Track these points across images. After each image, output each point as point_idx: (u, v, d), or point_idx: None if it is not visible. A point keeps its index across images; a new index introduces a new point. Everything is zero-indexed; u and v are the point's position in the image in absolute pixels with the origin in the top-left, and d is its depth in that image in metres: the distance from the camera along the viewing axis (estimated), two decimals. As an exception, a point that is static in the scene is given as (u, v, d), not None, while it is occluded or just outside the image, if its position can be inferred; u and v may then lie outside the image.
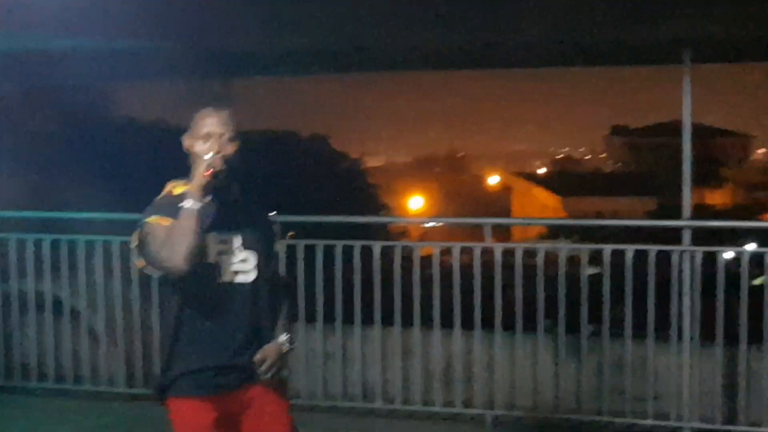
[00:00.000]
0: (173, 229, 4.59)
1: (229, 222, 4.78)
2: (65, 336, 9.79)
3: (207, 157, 4.65)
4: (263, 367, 4.81)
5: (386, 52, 9.38)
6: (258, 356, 4.80)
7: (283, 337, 4.95)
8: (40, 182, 20.24)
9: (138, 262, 4.84)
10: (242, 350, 4.80)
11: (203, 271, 4.67)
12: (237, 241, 4.79)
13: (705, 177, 52.24)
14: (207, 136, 4.75)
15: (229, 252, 4.77)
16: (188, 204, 4.57)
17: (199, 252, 4.59)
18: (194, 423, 4.75)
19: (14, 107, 22.59)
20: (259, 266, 4.83)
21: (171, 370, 4.77)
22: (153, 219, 4.69)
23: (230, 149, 4.76)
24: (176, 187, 4.83)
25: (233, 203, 4.83)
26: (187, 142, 4.82)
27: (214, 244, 4.72)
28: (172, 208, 4.64)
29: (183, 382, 4.76)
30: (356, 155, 42.42)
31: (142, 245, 4.74)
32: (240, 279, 4.78)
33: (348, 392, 9.19)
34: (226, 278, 4.75)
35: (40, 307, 9.87)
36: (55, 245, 9.65)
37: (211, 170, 4.63)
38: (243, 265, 4.79)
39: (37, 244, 9.73)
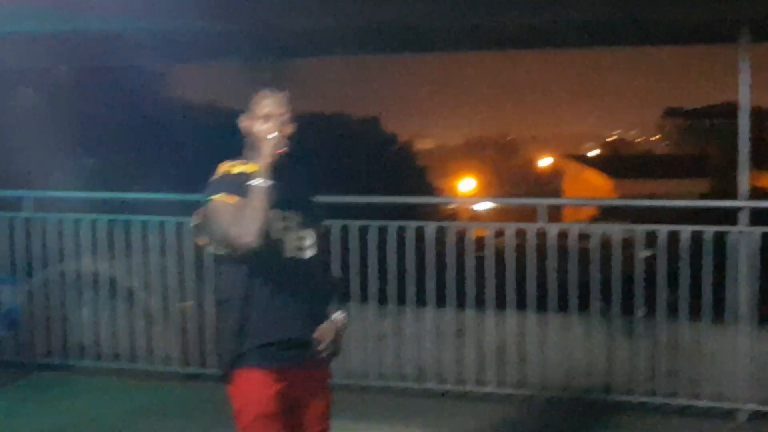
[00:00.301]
0: (244, 207, 4.65)
1: (289, 200, 4.84)
2: (121, 316, 9.85)
3: (271, 136, 4.74)
4: (322, 345, 4.90)
5: (438, 32, 9.37)
6: (317, 334, 4.89)
7: (337, 315, 5.05)
8: (94, 163, 20.43)
9: (200, 240, 4.95)
10: (305, 324, 4.89)
11: (269, 247, 4.72)
12: (297, 218, 4.88)
13: (760, 160, 51.90)
14: (267, 117, 4.82)
15: (290, 229, 4.85)
16: (258, 182, 4.64)
17: (267, 229, 4.66)
18: (258, 394, 4.80)
19: (71, 88, 22.80)
20: (315, 244, 4.93)
21: (240, 344, 4.81)
22: (219, 197, 4.74)
23: (289, 129, 4.83)
24: (233, 167, 4.89)
25: (292, 182, 4.87)
26: (245, 123, 4.89)
27: (277, 221, 4.79)
28: (236, 186, 4.72)
29: (251, 355, 4.81)
30: (406, 137, 42.46)
31: (205, 223, 4.83)
32: (300, 255, 4.87)
33: (401, 373, 9.18)
34: (289, 254, 4.84)
35: (96, 287, 9.93)
36: (110, 226, 9.71)
37: (279, 149, 4.72)
38: (302, 242, 4.89)
39: (93, 224, 9.79)
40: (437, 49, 10.02)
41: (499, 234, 9.19)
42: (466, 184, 62.50)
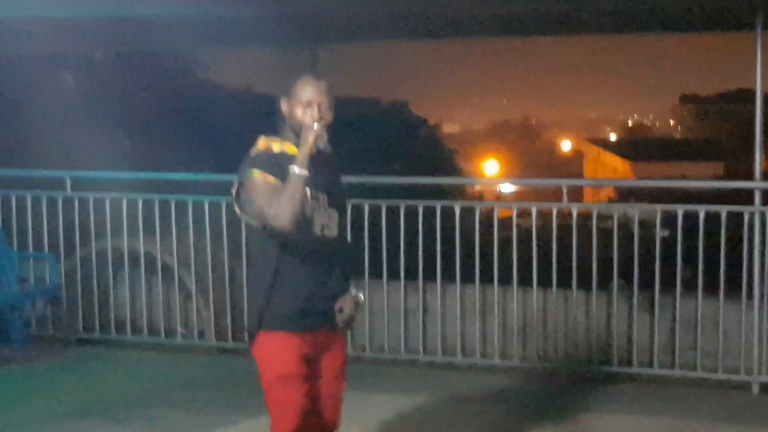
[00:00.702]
0: (282, 191, 4.72)
1: (320, 181, 4.89)
2: (157, 292, 9.97)
3: (317, 127, 4.79)
4: (342, 317, 5.02)
5: (465, 19, 9.39)
6: (338, 305, 4.99)
7: (355, 290, 5.14)
8: (133, 144, 20.51)
9: (238, 209, 5.00)
10: (327, 295, 4.97)
11: (300, 224, 4.79)
12: (324, 198, 4.95)
13: (772, 144, 51.47)
14: (309, 104, 4.88)
15: (319, 208, 4.92)
16: (298, 171, 4.70)
17: (302, 213, 4.76)
18: (281, 355, 4.92)
19: (111, 72, 22.87)
20: (340, 223, 5.03)
21: (267, 309, 4.92)
22: (257, 173, 4.82)
23: (329, 117, 4.91)
24: (274, 144, 4.98)
25: (323, 166, 4.93)
26: (285, 106, 4.96)
27: (309, 200, 4.85)
28: (276, 165, 4.82)
29: (276, 319, 4.92)
30: (434, 121, 42.27)
31: (242, 195, 4.91)
32: (326, 233, 4.95)
33: (428, 347, 9.25)
34: (316, 231, 4.91)
35: (134, 264, 10.03)
36: (147, 205, 9.78)
37: (320, 139, 4.79)
38: (329, 221, 4.97)
39: (132, 203, 9.85)
40: (464, 36, 10.05)
41: (523, 213, 9.29)
42: (491, 166, 62.14)
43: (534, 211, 9.03)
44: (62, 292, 10.04)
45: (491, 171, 60.51)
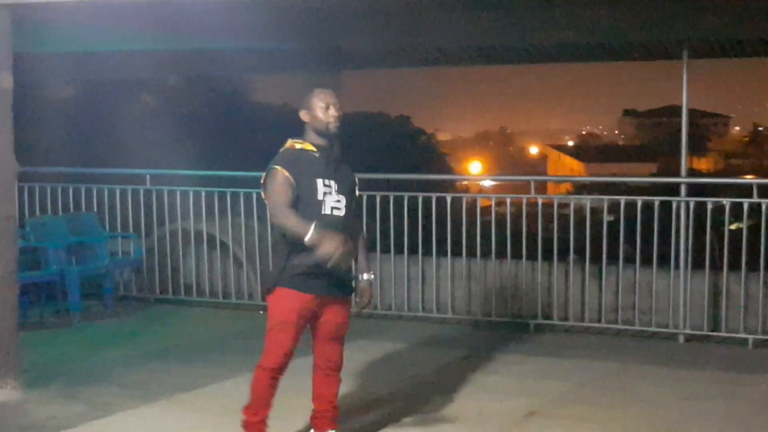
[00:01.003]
0: (291, 218, 4.82)
1: (332, 172, 5.00)
2: (216, 262, 9.98)
3: (339, 251, 4.76)
4: (362, 303, 5.18)
5: (454, 50, 9.40)
6: (360, 293, 5.13)
7: (367, 275, 5.26)
8: (197, 149, 20.54)
9: (263, 193, 5.08)
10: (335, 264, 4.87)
11: (313, 204, 4.92)
12: (335, 186, 5.00)
13: (694, 148, 51.66)
14: (328, 106, 5.00)
15: (330, 193, 4.97)
16: (307, 239, 4.72)
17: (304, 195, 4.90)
18: (285, 306, 4.96)
19: (180, 94, 22.93)
20: (347, 206, 5.04)
21: (283, 271, 4.95)
22: (279, 167, 4.92)
23: (340, 113, 5.06)
24: (296, 143, 5.05)
25: (335, 159, 5.05)
26: (306, 115, 5.05)
27: (322, 186, 4.95)
28: (294, 160, 4.94)
29: (287, 279, 4.95)
30: (430, 131, 42.30)
31: (266, 182, 4.97)
32: (336, 213, 4.98)
33: (425, 306, 9.21)
34: (326, 211, 4.94)
35: (198, 241, 10.05)
36: (208, 196, 9.80)
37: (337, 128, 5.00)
38: (338, 203, 4.99)
39: (196, 195, 9.85)
40: (454, 65, 10.04)
41: (500, 203, 9.26)
42: (475, 166, 62.18)
43: (508, 201, 9.04)
44: (143, 263, 10.04)
45: (475, 170, 60.60)
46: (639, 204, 8.52)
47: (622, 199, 8.69)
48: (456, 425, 5.87)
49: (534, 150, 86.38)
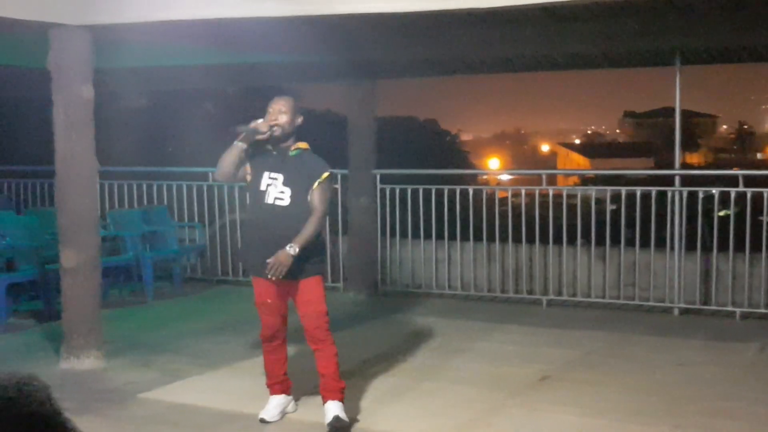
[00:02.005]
0: (223, 155, 4.88)
1: (279, 167, 4.88)
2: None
3: (260, 120, 4.86)
4: (270, 267, 4.73)
5: (477, 60, 9.36)
6: (270, 260, 4.72)
7: (289, 245, 4.74)
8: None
9: None
10: (271, 250, 4.75)
11: (257, 194, 4.89)
12: (280, 178, 4.86)
13: (687, 144, 51.25)
14: (271, 112, 4.89)
15: (274, 184, 4.87)
16: (236, 143, 4.83)
17: (234, 172, 4.87)
18: (257, 290, 5.00)
19: (237, 103, 22.97)
20: (291, 197, 4.85)
21: (244, 260, 5.16)
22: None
23: (283, 120, 4.86)
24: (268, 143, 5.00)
25: (286, 156, 4.91)
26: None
27: (267, 178, 4.86)
28: (253, 155, 4.93)
29: (248, 267, 5.15)
30: (454, 132, 42.16)
31: None
32: (277, 203, 4.86)
33: (451, 285, 9.20)
34: (269, 201, 4.86)
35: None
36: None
37: (252, 127, 4.86)
38: (281, 194, 4.86)
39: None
40: (474, 72, 10.00)
41: (515, 194, 9.23)
42: (493, 162, 61.95)
43: (523, 192, 9.02)
44: (207, 249, 10.09)
45: (493, 165, 60.43)
46: (638, 194, 8.46)
47: (623, 190, 8.64)
48: (476, 388, 5.86)
49: (545, 148, 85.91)
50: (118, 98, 17.78)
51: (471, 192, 9.08)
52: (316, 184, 4.88)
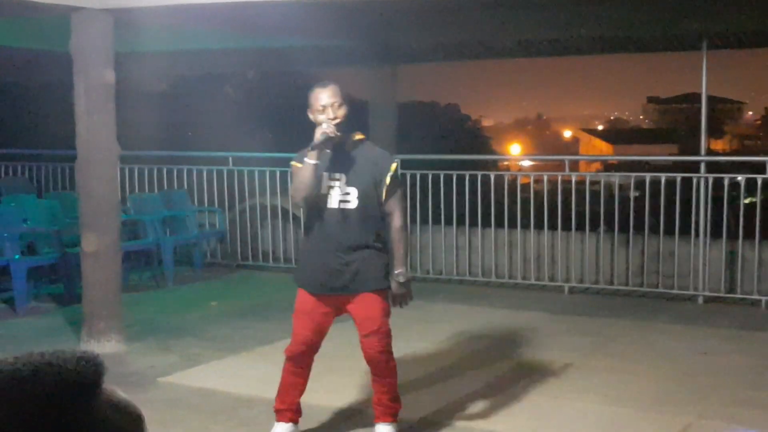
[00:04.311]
0: (296, 175, 4.35)
1: (339, 165, 4.37)
2: (289, 234, 9.96)
3: (324, 125, 4.25)
4: (395, 303, 4.43)
5: (495, 44, 9.33)
6: (391, 297, 4.40)
7: (396, 273, 4.42)
8: (271, 134, 20.61)
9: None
10: (338, 260, 4.34)
11: (318, 199, 4.36)
12: (343, 178, 4.36)
13: (712, 131, 50.80)
14: (323, 109, 4.30)
15: (336, 186, 4.36)
16: (308, 160, 4.24)
17: (315, 189, 4.29)
18: (300, 297, 4.49)
19: (256, 86, 23.02)
20: (359, 198, 4.35)
21: (298, 267, 4.63)
22: (294, 162, 4.42)
23: (342, 114, 4.34)
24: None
25: (344, 152, 4.39)
26: (310, 115, 4.37)
27: (327, 179, 4.36)
28: (304, 155, 4.33)
29: (298, 278, 4.53)
30: (476, 117, 42.03)
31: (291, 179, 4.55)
32: (343, 206, 4.35)
33: (472, 271, 9.18)
34: (333, 204, 4.35)
35: (273, 215, 10.04)
36: (282, 175, 9.72)
37: (324, 137, 4.24)
38: (346, 196, 4.35)
39: (276, 174, 9.84)
40: (496, 57, 9.97)
41: (538, 180, 9.19)
42: (515, 148, 61.64)
43: (545, 178, 8.96)
44: (227, 234, 10.12)
45: (515, 151, 60.13)
46: (663, 180, 8.37)
47: (648, 176, 8.60)
48: (496, 374, 5.85)
49: (567, 134, 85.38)
50: (139, 83, 17.83)
51: (492, 178, 9.06)
52: (388, 178, 4.40)
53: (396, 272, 4.41)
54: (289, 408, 4.63)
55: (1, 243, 7.86)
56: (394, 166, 4.45)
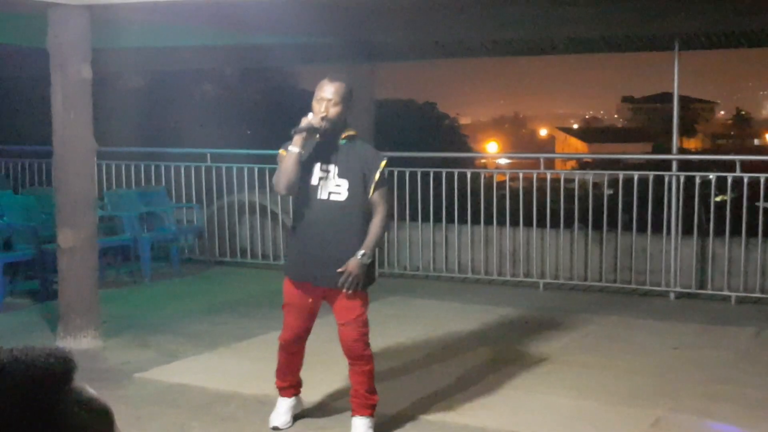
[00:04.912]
0: (280, 164, 4.37)
1: (330, 157, 4.38)
2: (266, 229, 9.93)
3: (310, 115, 4.32)
4: (344, 279, 4.36)
5: (475, 43, 9.35)
6: (342, 268, 4.35)
7: (360, 252, 4.36)
8: (250, 132, 20.55)
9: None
10: (328, 261, 4.37)
11: (308, 190, 4.38)
12: (335, 170, 4.39)
13: (684, 130, 51.22)
14: (320, 100, 4.36)
15: (328, 177, 4.39)
16: (292, 148, 4.29)
17: (297, 178, 4.30)
18: (288, 291, 4.56)
19: (235, 83, 22.93)
20: (349, 190, 4.38)
21: (287, 259, 4.65)
22: (280, 151, 4.44)
23: (335, 111, 4.34)
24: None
25: (336, 145, 4.40)
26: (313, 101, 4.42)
27: (318, 171, 4.38)
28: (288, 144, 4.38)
29: (287, 269, 4.61)
30: (453, 115, 42.04)
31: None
32: (333, 198, 4.38)
33: (449, 267, 9.21)
34: (323, 196, 4.39)
35: (250, 211, 10.02)
36: (260, 172, 9.73)
37: (307, 125, 4.30)
38: (337, 188, 4.38)
39: (249, 171, 9.85)
40: (474, 56, 9.99)
41: (513, 178, 9.21)
42: (491, 146, 61.75)
43: (520, 176, 9.01)
44: (205, 230, 10.08)
45: (492, 149, 60.25)
46: (635, 178, 8.43)
47: (621, 174, 8.65)
48: (472, 369, 5.87)
49: (543, 132, 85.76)
50: (117, 79, 17.72)
51: (469, 175, 9.06)
52: (377, 175, 4.41)
53: (362, 252, 4.37)
54: (290, 384, 4.79)
55: (-23, 239, 7.80)
56: (383, 163, 4.46)
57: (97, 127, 6.47)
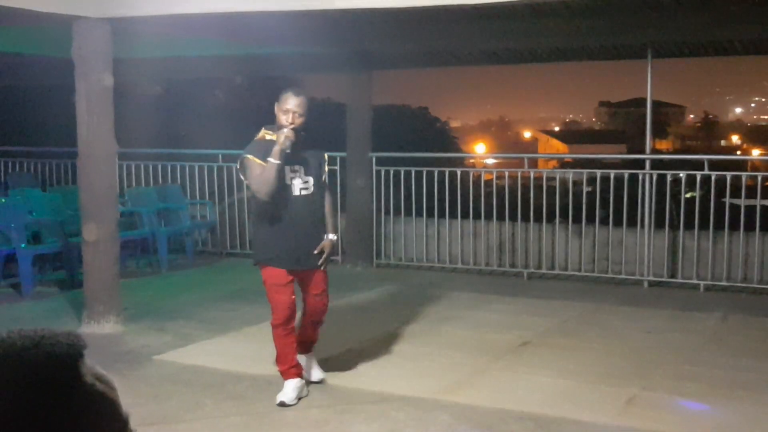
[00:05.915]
0: (262, 174, 4.50)
1: (298, 159, 4.63)
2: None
3: (286, 131, 4.50)
4: (324, 259, 4.72)
5: (464, 53, 9.34)
6: (318, 248, 4.69)
7: (332, 235, 4.79)
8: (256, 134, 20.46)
9: (241, 175, 4.76)
10: (307, 248, 4.68)
11: (283, 188, 4.59)
12: (302, 169, 4.67)
13: (657, 132, 51.22)
14: (287, 111, 4.56)
15: (297, 176, 4.66)
16: (273, 160, 4.47)
17: (278, 182, 4.51)
18: (275, 275, 4.69)
19: (245, 91, 22.90)
20: (315, 185, 4.71)
21: (266, 251, 4.68)
22: (251, 156, 4.59)
23: (299, 122, 4.57)
24: (267, 134, 4.69)
25: (301, 149, 4.62)
26: (276, 109, 4.62)
27: (289, 172, 4.62)
28: (263, 150, 4.55)
29: (271, 259, 4.68)
30: (444, 119, 41.95)
31: (242, 169, 4.68)
32: (303, 192, 4.67)
33: (440, 258, 9.20)
34: (296, 192, 4.66)
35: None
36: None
37: (289, 143, 4.50)
38: (305, 184, 4.68)
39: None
40: (463, 64, 9.98)
41: (500, 176, 9.21)
42: (480, 147, 61.71)
43: (506, 174, 8.97)
44: (217, 224, 10.07)
45: (480, 150, 60.18)
46: (612, 176, 8.45)
47: (598, 173, 8.66)
48: (462, 352, 5.88)
49: (527, 134, 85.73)
50: (136, 86, 17.70)
51: (459, 174, 9.06)
52: (326, 167, 4.80)
53: (332, 235, 4.82)
54: (292, 365, 4.84)
55: (8, 233, 7.82)
56: (326, 156, 4.86)
57: (117, 131, 6.47)
